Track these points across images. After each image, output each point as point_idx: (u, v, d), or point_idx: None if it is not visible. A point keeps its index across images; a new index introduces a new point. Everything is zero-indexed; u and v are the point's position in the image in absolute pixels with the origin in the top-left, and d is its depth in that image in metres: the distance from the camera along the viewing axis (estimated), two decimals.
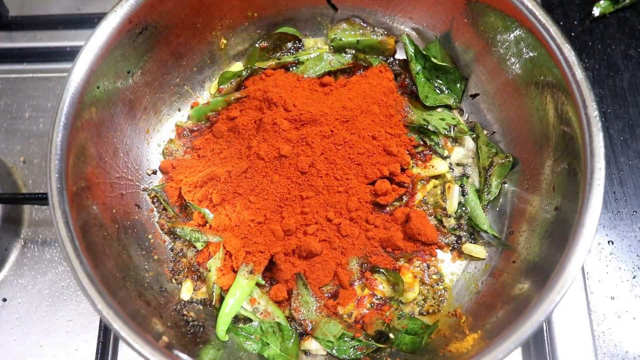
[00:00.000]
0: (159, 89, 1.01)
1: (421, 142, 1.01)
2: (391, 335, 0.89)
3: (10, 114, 1.14)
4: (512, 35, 0.91)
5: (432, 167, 1.00)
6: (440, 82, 1.04)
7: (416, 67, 1.03)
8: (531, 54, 0.89)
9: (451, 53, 1.03)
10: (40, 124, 1.12)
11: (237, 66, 1.09)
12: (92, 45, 0.85)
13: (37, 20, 1.19)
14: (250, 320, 0.90)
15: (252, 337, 0.89)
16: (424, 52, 1.03)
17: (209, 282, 0.91)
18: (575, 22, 1.17)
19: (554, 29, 0.84)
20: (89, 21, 1.17)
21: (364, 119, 0.97)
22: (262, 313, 0.90)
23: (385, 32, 1.07)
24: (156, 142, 1.03)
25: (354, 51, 1.07)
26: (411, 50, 1.04)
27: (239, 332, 0.89)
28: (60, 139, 0.80)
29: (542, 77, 0.88)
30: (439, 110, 1.04)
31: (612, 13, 1.17)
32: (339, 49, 1.07)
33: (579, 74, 0.81)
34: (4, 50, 1.17)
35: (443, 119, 1.01)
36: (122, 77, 0.93)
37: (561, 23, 1.16)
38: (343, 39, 1.06)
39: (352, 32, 1.07)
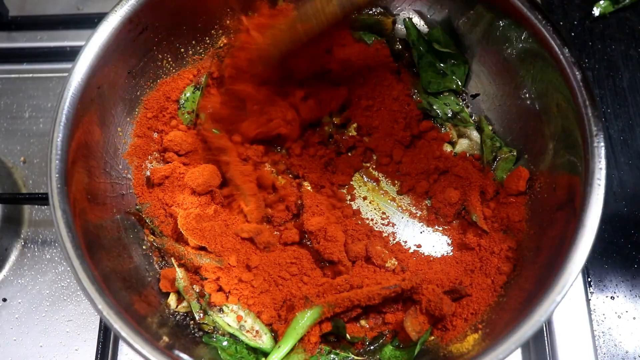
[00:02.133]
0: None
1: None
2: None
3: (10, 114, 1.13)
4: (512, 35, 0.91)
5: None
6: (443, 66, 1.03)
7: (419, 52, 1.03)
8: (531, 54, 0.89)
9: (454, 39, 1.02)
10: (40, 124, 1.12)
11: None
12: (93, 45, 0.85)
13: (37, 20, 1.19)
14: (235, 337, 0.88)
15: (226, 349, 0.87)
16: (427, 38, 1.02)
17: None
18: (575, 22, 1.17)
19: (554, 29, 0.84)
20: (89, 21, 1.17)
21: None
22: (248, 331, 0.88)
23: (382, 12, 1.05)
24: None
25: None
26: (413, 35, 1.03)
27: (212, 340, 0.87)
28: (60, 139, 0.80)
29: (542, 77, 0.89)
30: (445, 94, 1.03)
31: (612, 13, 1.17)
32: None
33: (579, 73, 0.81)
34: (4, 50, 1.17)
35: (447, 104, 1.01)
36: (122, 77, 0.93)
37: (561, 23, 1.16)
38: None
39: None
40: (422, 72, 1.03)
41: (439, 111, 1.02)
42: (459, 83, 1.03)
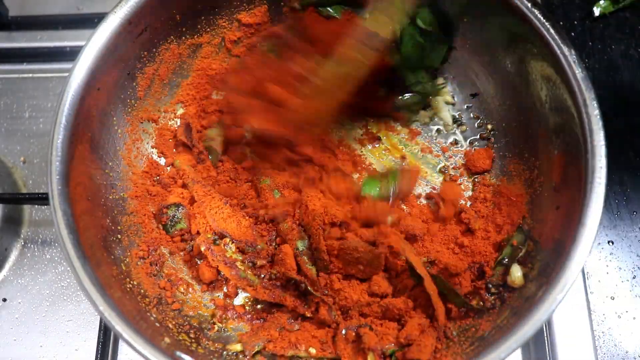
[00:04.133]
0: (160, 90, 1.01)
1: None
2: None
3: (10, 114, 1.13)
4: (511, 34, 0.91)
5: None
6: (424, 43, 1.02)
7: (406, 32, 1.01)
8: (531, 54, 0.89)
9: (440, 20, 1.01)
10: (40, 124, 1.12)
11: None
12: (92, 47, 0.85)
13: (37, 20, 1.19)
14: None
15: None
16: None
17: None
18: (575, 22, 1.17)
19: (553, 28, 0.84)
20: (89, 21, 1.17)
21: None
22: None
23: None
24: None
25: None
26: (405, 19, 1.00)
27: None
28: (60, 141, 0.80)
29: (542, 77, 0.89)
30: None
31: (612, 13, 1.17)
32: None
33: (579, 73, 0.81)
34: (4, 50, 1.17)
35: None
36: (122, 79, 0.93)
37: (561, 23, 1.16)
38: None
39: None
40: (403, 46, 1.01)
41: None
42: (437, 61, 1.04)
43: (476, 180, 1.00)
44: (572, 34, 1.16)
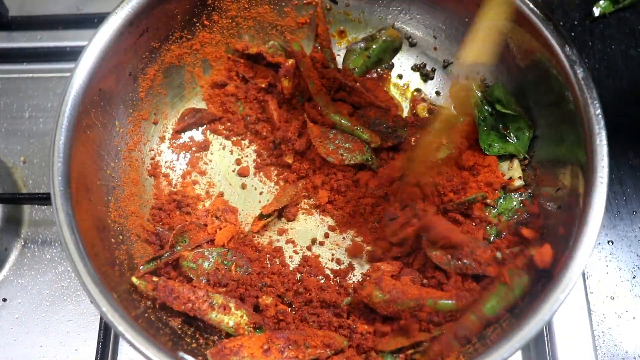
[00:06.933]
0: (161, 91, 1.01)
1: None
2: None
3: (10, 114, 1.13)
4: (512, 36, 0.92)
5: None
6: (508, 130, 0.97)
7: (482, 114, 0.97)
8: (532, 54, 0.89)
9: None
10: (41, 124, 1.12)
11: None
12: (93, 48, 0.85)
13: (37, 20, 1.19)
14: None
15: None
16: (489, 98, 0.97)
17: None
18: (575, 22, 1.17)
19: (554, 28, 0.84)
20: (89, 21, 1.17)
21: None
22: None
23: (382, 28, 1.05)
24: None
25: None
26: (478, 95, 0.98)
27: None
28: (62, 142, 0.80)
29: (542, 77, 0.89)
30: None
31: (612, 13, 1.17)
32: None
33: (580, 73, 0.81)
34: (4, 50, 1.16)
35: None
36: (123, 79, 0.93)
37: (561, 23, 1.17)
38: (357, 68, 1.03)
39: (359, 52, 1.04)
40: (482, 134, 0.97)
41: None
42: (523, 149, 0.96)
43: None
44: (572, 34, 1.16)
